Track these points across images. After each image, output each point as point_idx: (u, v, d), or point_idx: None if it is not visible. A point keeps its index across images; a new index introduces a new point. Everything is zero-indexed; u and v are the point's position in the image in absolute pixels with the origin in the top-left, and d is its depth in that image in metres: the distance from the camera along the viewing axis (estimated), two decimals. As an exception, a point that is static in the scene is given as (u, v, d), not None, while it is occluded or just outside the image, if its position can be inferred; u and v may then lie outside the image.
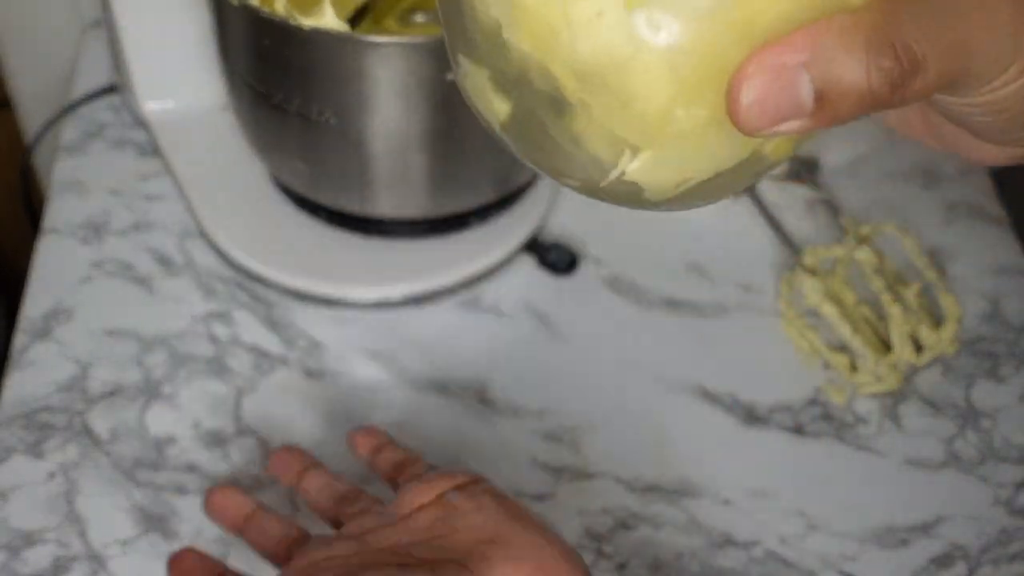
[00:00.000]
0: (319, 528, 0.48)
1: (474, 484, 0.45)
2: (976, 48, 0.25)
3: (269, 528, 0.49)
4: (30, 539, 0.55)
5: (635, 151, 0.26)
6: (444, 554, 0.42)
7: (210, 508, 0.51)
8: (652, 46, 0.24)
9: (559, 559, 0.42)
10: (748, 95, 0.24)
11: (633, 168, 0.26)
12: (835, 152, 0.75)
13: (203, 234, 0.67)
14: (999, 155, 0.32)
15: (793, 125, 0.24)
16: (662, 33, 0.24)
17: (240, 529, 0.50)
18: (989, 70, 0.26)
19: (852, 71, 0.23)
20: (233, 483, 0.57)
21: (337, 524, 0.48)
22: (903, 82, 0.24)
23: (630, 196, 0.27)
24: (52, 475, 0.57)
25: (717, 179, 0.27)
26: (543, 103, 0.26)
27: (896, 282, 0.66)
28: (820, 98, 0.24)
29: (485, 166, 0.64)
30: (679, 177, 0.26)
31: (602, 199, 0.28)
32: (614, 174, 0.26)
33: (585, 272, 0.67)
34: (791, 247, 0.69)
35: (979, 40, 0.25)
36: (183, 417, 0.59)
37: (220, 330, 0.63)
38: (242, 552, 0.54)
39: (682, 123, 0.25)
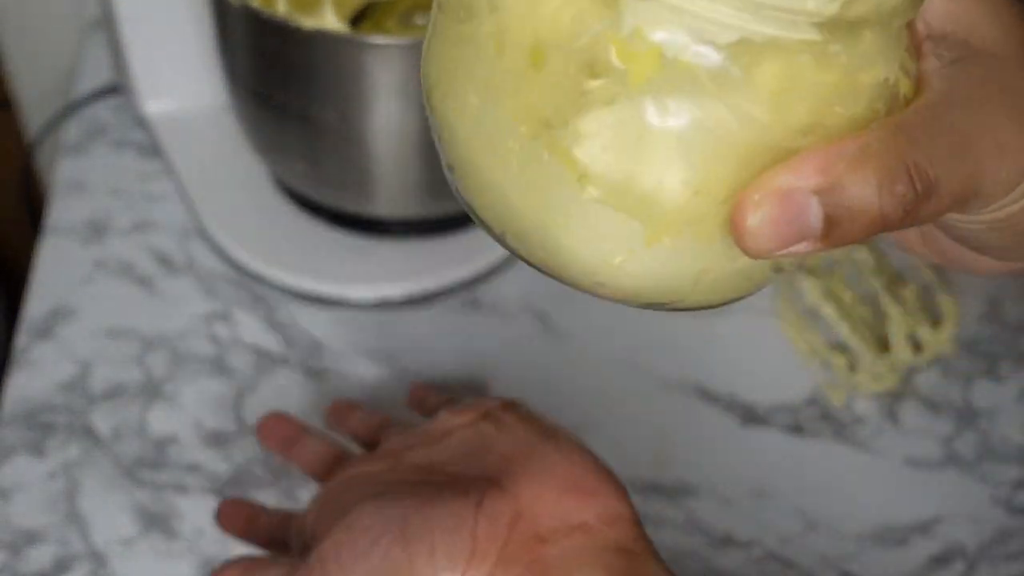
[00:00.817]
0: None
1: (510, 407, 0.45)
2: (986, 170, 0.25)
3: (313, 449, 0.50)
4: (31, 538, 0.55)
5: (655, 236, 0.24)
6: (476, 472, 0.42)
7: (261, 433, 0.52)
8: (662, 130, 0.23)
9: (591, 475, 0.41)
10: (754, 219, 0.23)
11: (652, 253, 0.25)
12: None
13: (204, 234, 0.67)
14: (997, 268, 0.32)
15: (800, 247, 0.23)
16: (671, 118, 0.22)
17: (287, 452, 0.51)
18: (997, 190, 0.26)
19: (864, 196, 0.23)
20: (234, 483, 0.57)
21: (375, 447, 0.49)
22: (916, 206, 0.24)
23: (650, 290, 0.26)
24: (53, 474, 0.57)
25: (736, 274, 0.26)
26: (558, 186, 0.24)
27: (895, 282, 0.67)
28: (829, 223, 0.23)
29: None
30: (698, 267, 0.25)
31: (622, 300, 0.27)
32: (633, 258, 0.25)
33: (585, 272, 0.67)
34: (790, 247, 0.69)
35: (989, 163, 0.25)
36: (184, 417, 0.60)
37: (221, 330, 0.63)
38: (240, 551, 0.54)
39: (697, 208, 0.23)
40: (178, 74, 0.71)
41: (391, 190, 0.63)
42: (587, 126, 0.23)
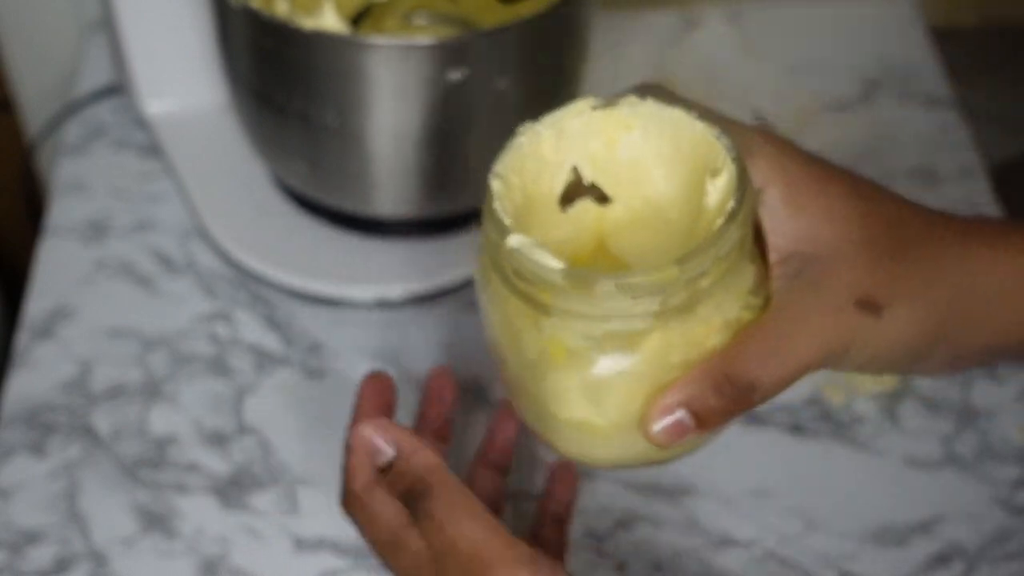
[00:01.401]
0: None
1: None
2: (810, 360, 0.38)
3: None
4: (32, 537, 0.55)
5: (606, 440, 0.40)
6: None
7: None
8: (581, 387, 0.39)
9: None
10: (654, 427, 0.38)
11: (610, 448, 0.40)
12: (835, 152, 0.75)
13: (204, 234, 0.68)
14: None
15: (688, 436, 0.38)
16: (583, 380, 0.38)
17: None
18: (836, 365, 0.39)
19: (708, 401, 0.37)
20: (234, 483, 0.57)
21: None
22: (741, 399, 0.37)
23: (623, 463, 0.41)
24: (54, 474, 0.57)
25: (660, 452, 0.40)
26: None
27: (895, 282, 0.67)
28: (697, 420, 0.37)
29: (485, 166, 0.64)
30: (646, 447, 0.39)
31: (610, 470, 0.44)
32: (600, 451, 0.41)
33: (585, 272, 0.67)
34: (790, 247, 0.69)
35: (810, 355, 0.38)
36: (184, 416, 0.60)
37: (221, 330, 0.63)
38: (241, 554, 0.54)
39: (622, 423, 0.39)
40: (178, 74, 0.71)
41: (391, 190, 0.63)
42: (548, 389, 0.39)
